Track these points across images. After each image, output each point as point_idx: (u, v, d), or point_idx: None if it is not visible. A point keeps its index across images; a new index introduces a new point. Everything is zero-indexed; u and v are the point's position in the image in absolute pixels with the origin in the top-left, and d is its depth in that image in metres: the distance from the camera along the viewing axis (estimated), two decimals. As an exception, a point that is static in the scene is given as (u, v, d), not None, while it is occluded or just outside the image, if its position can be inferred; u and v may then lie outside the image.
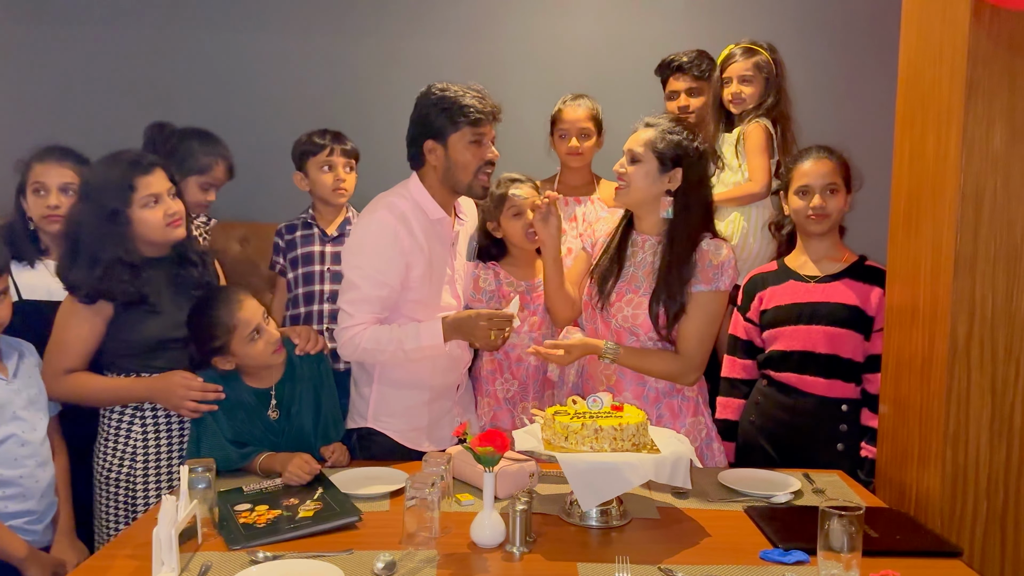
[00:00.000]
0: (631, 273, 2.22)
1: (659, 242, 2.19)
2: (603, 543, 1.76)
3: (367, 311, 2.17)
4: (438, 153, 2.18)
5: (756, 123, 2.72)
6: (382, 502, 1.94)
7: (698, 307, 2.15)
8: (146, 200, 2.05)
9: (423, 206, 2.22)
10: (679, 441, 1.91)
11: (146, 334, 2.09)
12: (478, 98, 2.16)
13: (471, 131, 2.15)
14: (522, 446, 1.86)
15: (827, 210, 2.29)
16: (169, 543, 1.54)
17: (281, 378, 2.17)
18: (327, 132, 2.67)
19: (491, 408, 2.50)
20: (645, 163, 2.14)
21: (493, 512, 1.72)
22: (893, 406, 2.14)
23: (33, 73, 3.22)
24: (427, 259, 2.21)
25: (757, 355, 2.42)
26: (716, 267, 2.14)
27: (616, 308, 2.20)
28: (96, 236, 2.03)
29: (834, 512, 1.54)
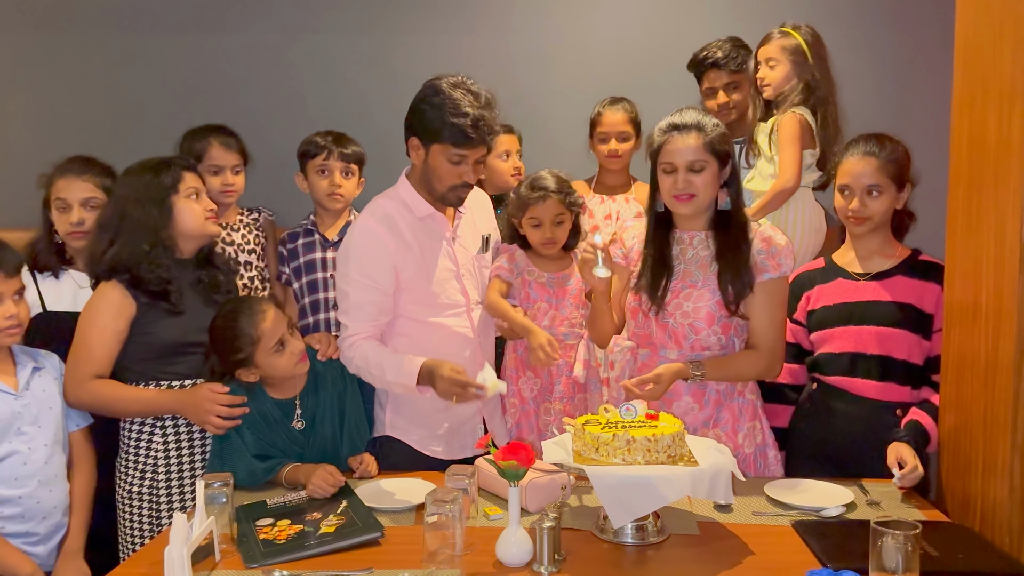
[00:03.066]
0: (683, 271, 2.10)
1: (708, 235, 2.09)
2: (638, 562, 1.66)
3: (361, 319, 2.12)
4: (419, 153, 2.12)
5: (791, 113, 2.59)
6: (407, 515, 1.88)
7: (769, 295, 2.06)
8: (189, 192, 2.13)
9: (409, 203, 2.16)
10: (719, 452, 1.79)
11: (166, 337, 2.08)
12: (476, 117, 2.01)
13: (454, 151, 2.05)
14: (551, 458, 1.77)
15: (867, 213, 2.15)
16: (181, 563, 1.49)
17: (305, 387, 2.13)
18: (330, 134, 2.62)
19: (517, 408, 2.43)
20: (708, 168, 2.02)
21: (519, 529, 1.63)
22: (955, 412, 1.99)
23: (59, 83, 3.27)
24: (417, 257, 2.14)
25: (804, 358, 2.28)
26: (780, 252, 2.06)
27: (674, 307, 2.08)
28: (141, 221, 2.07)
29: (887, 529, 1.43)
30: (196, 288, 2.16)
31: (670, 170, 2.03)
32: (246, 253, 2.59)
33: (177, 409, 2.07)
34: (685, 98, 3.00)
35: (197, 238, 2.16)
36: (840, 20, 3.06)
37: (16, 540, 1.89)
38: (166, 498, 2.10)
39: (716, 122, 2.06)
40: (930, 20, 3.02)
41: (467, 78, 2.09)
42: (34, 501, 1.91)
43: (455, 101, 2.01)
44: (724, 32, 2.91)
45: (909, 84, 3.06)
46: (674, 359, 2.07)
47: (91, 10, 3.23)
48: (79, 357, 2.05)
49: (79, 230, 2.29)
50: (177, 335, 2.09)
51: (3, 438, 1.89)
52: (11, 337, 1.93)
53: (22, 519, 1.90)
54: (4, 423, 1.89)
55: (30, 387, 1.96)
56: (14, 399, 1.92)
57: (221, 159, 2.56)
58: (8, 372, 1.93)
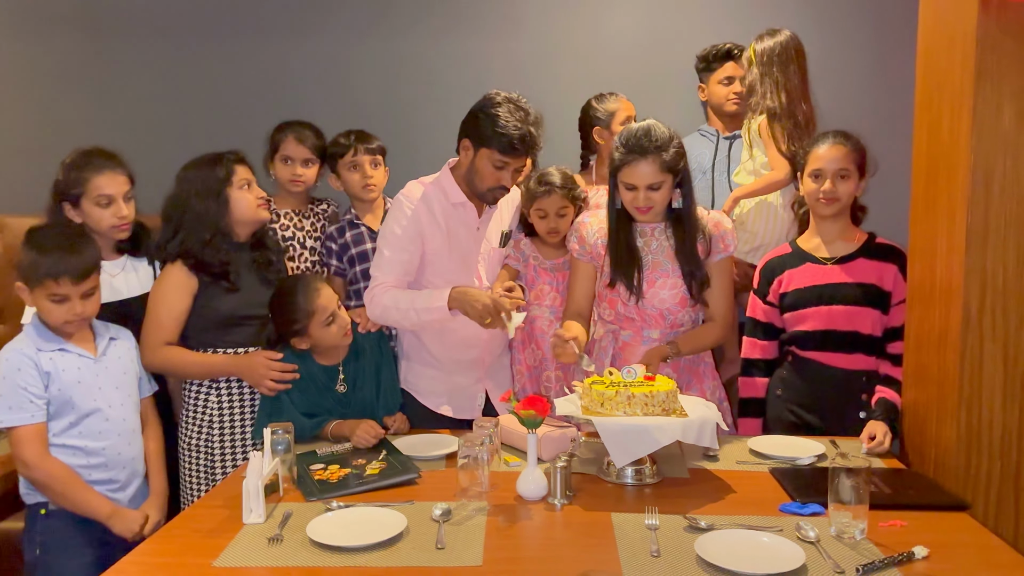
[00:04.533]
0: (651, 261, 2.40)
1: (667, 226, 2.39)
2: (636, 498, 1.95)
3: (388, 271, 2.43)
4: (468, 154, 2.41)
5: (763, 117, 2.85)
6: (438, 463, 2.17)
7: (721, 273, 2.42)
8: (242, 183, 2.40)
9: (446, 189, 2.46)
10: (706, 407, 2.08)
11: (224, 310, 2.37)
12: (524, 132, 2.31)
13: (499, 157, 2.34)
14: (562, 411, 2.06)
15: (837, 194, 2.40)
16: (257, 493, 1.80)
17: (347, 356, 2.42)
18: (352, 133, 2.82)
19: (522, 376, 2.73)
20: (665, 184, 2.30)
21: (536, 469, 1.93)
22: (914, 377, 2.27)
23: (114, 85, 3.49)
24: (443, 235, 2.44)
25: (776, 335, 2.55)
26: (728, 234, 2.41)
27: (651, 295, 2.38)
28: (202, 213, 2.36)
29: (841, 468, 1.71)
30: (251, 268, 2.45)
31: (631, 188, 2.31)
32: (312, 240, 2.84)
33: (235, 372, 2.37)
34: (687, 98, 3.29)
35: (250, 224, 2.44)
36: (826, 24, 3.28)
37: (101, 487, 2.11)
38: (219, 451, 2.39)
39: (674, 139, 2.30)
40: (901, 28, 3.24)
41: (520, 96, 2.38)
42: (116, 452, 2.13)
43: (506, 115, 2.32)
44: (726, 34, 3.16)
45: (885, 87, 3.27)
46: (656, 337, 2.41)
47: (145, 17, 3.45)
48: (151, 328, 2.33)
49: (126, 223, 2.40)
50: (234, 309, 2.38)
51: (88, 396, 2.10)
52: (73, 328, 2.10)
53: (106, 468, 2.12)
54: (87, 383, 2.10)
55: (107, 353, 2.17)
56: (93, 363, 2.13)
57: (293, 151, 2.79)
58: (88, 340, 2.16)
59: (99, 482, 2.11)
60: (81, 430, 2.09)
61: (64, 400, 2.07)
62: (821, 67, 3.00)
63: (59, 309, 2.06)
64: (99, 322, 2.20)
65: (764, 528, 1.73)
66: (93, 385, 2.12)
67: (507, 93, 2.37)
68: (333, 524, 1.75)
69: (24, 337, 2.09)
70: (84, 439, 2.09)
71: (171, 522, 1.85)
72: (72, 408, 2.08)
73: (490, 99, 2.37)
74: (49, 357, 2.07)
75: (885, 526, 1.75)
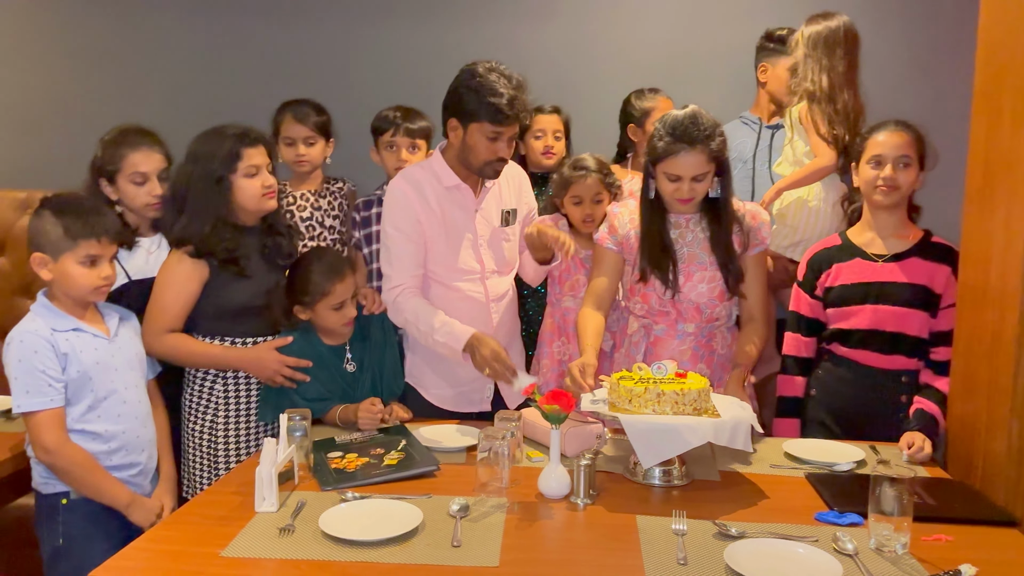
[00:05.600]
0: (687, 253, 2.30)
1: (702, 217, 2.29)
2: (663, 500, 1.87)
3: (401, 269, 2.33)
4: (458, 133, 2.30)
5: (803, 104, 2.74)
6: (458, 455, 2.10)
7: (757, 267, 2.34)
8: (248, 170, 2.23)
9: (439, 174, 2.36)
10: (741, 407, 1.99)
11: (234, 299, 2.26)
12: (511, 97, 2.20)
13: (491, 128, 2.23)
14: (588, 407, 1.98)
15: (898, 182, 2.28)
16: (270, 480, 1.74)
17: (353, 335, 2.38)
18: (399, 109, 2.75)
19: (549, 369, 2.64)
20: (708, 175, 2.21)
21: (559, 466, 1.85)
22: (962, 382, 2.15)
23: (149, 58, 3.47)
24: (439, 221, 2.35)
25: (819, 331, 2.44)
26: (765, 226, 2.33)
27: (688, 288, 2.28)
28: (203, 197, 2.21)
29: (884, 477, 1.61)
30: (262, 253, 2.33)
31: (674, 179, 2.20)
32: (330, 219, 2.80)
33: (243, 367, 2.27)
34: (727, 85, 3.18)
35: (254, 213, 2.30)
36: (873, 13, 3.13)
37: (122, 472, 2.04)
38: (223, 439, 2.30)
39: (719, 127, 2.21)
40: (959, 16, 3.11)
41: (499, 63, 2.27)
42: (134, 436, 2.07)
43: (491, 83, 2.21)
44: (766, 23, 3.04)
45: (936, 76, 3.15)
46: (691, 332, 2.31)
47: None
48: (154, 313, 2.22)
49: (159, 201, 2.37)
50: (245, 299, 2.28)
51: (105, 378, 2.02)
52: (100, 296, 2.06)
53: (125, 452, 2.05)
54: (104, 364, 2.02)
55: (119, 334, 2.09)
56: (108, 343, 2.05)
57: (293, 132, 2.75)
58: (98, 320, 2.08)
59: (120, 467, 2.04)
60: (99, 414, 2.02)
61: (82, 383, 2.00)
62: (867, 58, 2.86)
63: (90, 274, 1.98)
64: (103, 303, 2.13)
65: (799, 538, 1.64)
66: (110, 366, 2.05)
67: (486, 62, 2.26)
68: (347, 516, 1.69)
69: (35, 318, 2.00)
70: (103, 423, 2.03)
71: (182, 508, 1.81)
72: (90, 391, 2.01)
73: (470, 71, 2.26)
74: (65, 338, 1.99)
75: (929, 540, 1.65)
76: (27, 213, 3.19)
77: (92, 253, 1.98)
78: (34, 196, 3.18)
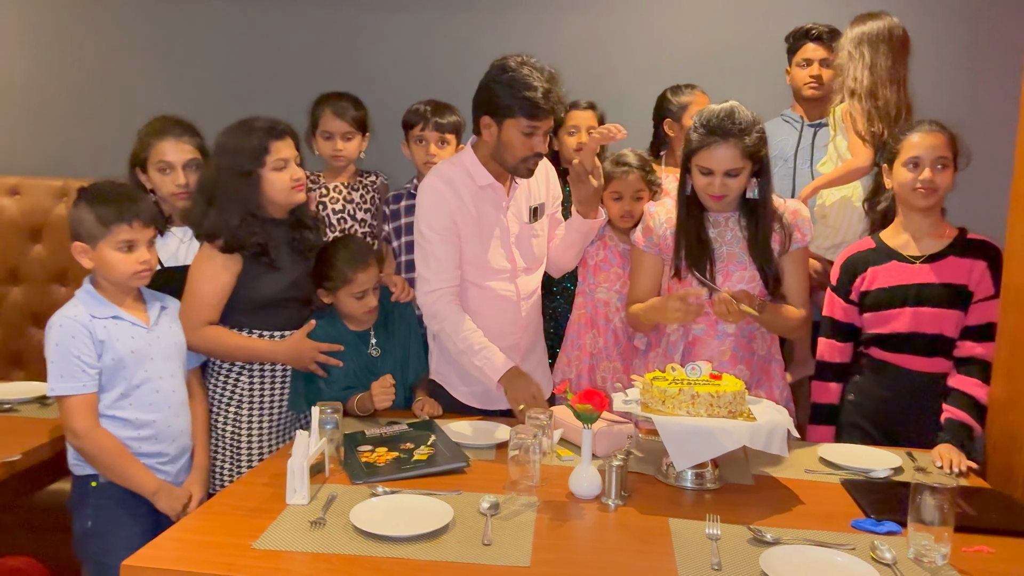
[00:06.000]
0: (726, 252, 2.26)
1: (740, 216, 2.25)
2: (696, 503, 1.84)
3: (437, 271, 2.31)
4: (492, 130, 2.26)
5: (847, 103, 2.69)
6: (487, 452, 2.09)
7: (798, 264, 2.29)
8: (276, 163, 2.23)
9: (472, 172, 2.32)
10: (776, 411, 1.95)
11: (265, 291, 2.27)
12: (545, 90, 2.17)
13: (526, 123, 2.20)
14: (620, 407, 1.96)
15: (935, 184, 2.23)
16: (302, 473, 1.74)
17: (377, 321, 2.39)
18: (430, 104, 2.74)
19: (579, 362, 2.61)
20: (743, 172, 2.17)
21: (591, 466, 1.83)
22: (1005, 388, 2.10)
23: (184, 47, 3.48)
24: (474, 220, 2.32)
25: (854, 336, 2.40)
26: (806, 222, 2.28)
27: (727, 287, 2.24)
28: (231, 191, 2.21)
29: (926, 485, 1.57)
30: (290, 246, 2.33)
31: (706, 172, 2.17)
32: (362, 212, 2.80)
33: (281, 358, 2.29)
34: (770, 82, 3.13)
35: (282, 206, 2.29)
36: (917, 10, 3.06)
37: (150, 459, 2.06)
38: (246, 431, 2.30)
39: (758, 123, 2.16)
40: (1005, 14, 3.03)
41: (530, 56, 2.23)
42: (165, 425, 2.09)
43: (524, 77, 2.17)
44: (817, 14, 2.99)
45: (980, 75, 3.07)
46: (732, 332, 2.26)
47: None
48: (192, 306, 2.22)
49: (184, 191, 2.38)
50: (276, 291, 2.28)
51: (139, 366, 2.04)
52: (142, 281, 2.09)
53: (156, 440, 2.07)
54: (140, 353, 2.05)
55: (159, 323, 2.12)
56: (146, 332, 2.07)
57: (331, 126, 2.74)
58: (140, 309, 2.11)
59: (148, 455, 2.06)
60: (132, 401, 2.04)
61: (116, 370, 2.02)
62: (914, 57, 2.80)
63: (128, 259, 2.01)
64: (148, 290, 2.16)
65: (835, 545, 1.60)
66: (145, 355, 2.07)
67: (516, 56, 2.23)
68: (377, 511, 1.69)
69: (77, 303, 2.03)
70: (135, 411, 2.05)
71: (213, 499, 1.80)
72: (124, 379, 2.03)
73: (501, 66, 2.22)
74: (103, 325, 2.01)
75: (970, 551, 1.61)
76: (63, 201, 3.25)
77: (126, 238, 2.01)
78: (70, 184, 3.25)
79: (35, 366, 3.22)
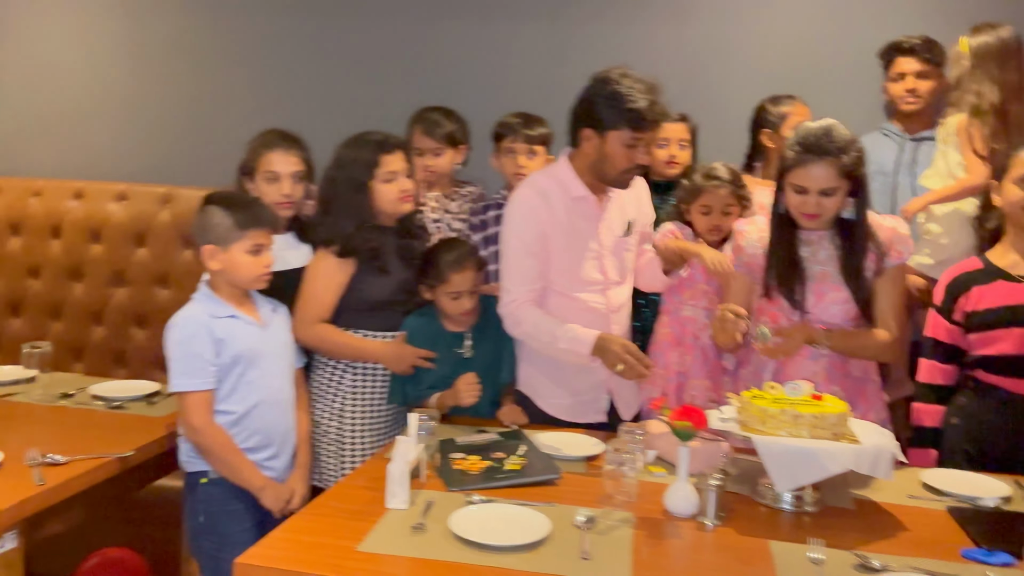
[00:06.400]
0: (819, 272, 2.21)
1: (834, 235, 2.20)
2: (795, 525, 1.80)
3: (520, 282, 2.32)
4: (593, 142, 2.25)
5: (961, 116, 2.61)
6: (577, 464, 2.09)
7: (892, 283, 2.22)
8: (386, 176, 2.33)
9: (566, 183, 2.32)
10: (881, 434, 1.90)
11: (374, 294, 2.37)
12: (650, 101, 2.16)
13: (631, 135, 2.19)
14: (716, 425, 1.93)
15: None
16: (401, 478, 1.78)
17: (476, 324, 2.45)
18: (520, 116, 2.76)
19: (664, 380, 2.58)
20: (839, 191, 2.12)
21: (687, 484, 1.81)
22: None
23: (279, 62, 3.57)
24: (566, 232, 2.32)
25: (957, 358, 2.31)
26: (904, 239, 2.21)
27: (820, 309, 2.20)
28: (345, 201, 2.34)
29: (1049, 518, 1.50)
30: (398, 252, 2.42)
31: (801, 191, 2.12)
32: (459, 221, 2.84)
33: (383, 359, 2.37)
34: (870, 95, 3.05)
35: (391, 216, 2.40)
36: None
37: (257, 454, 2.13)
38: (349, 429, 2.38)
39: (855, 143, 2.11)
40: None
41: (629, 68, 2.23)
42: (273, 421, 2.16)
43: (627, 89, 2.17)
44: (907, 30, 2.90)
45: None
46: (825, 353, 2.20)
47: None
48: (307, 304, 2.33)
49: (288, 201, 2.47)
50: (385, 294, 2.38)
51: (252, 364, 2.12)
52: (262, 283, 2.16)
53: (263, 436, 2.15)
54: (255, 351, 2.13)
55: (271, 323, 2.21)
56: (261, 331, 2.17)
57: (421, 143, 2.80)
58: (253, 310, 2.21)
59: (253, 449, 2.13)
60: (244, 397, 2.13)
61: (232, 367, 2.11)
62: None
63: (255, 262, 2.12)
64: (256, 293, 2.25)
65: (946, 575, 1.55)
66: (260, 353, 2.15)
67: (616, 68, 2.23)
68: (476, 519, 1.71)
69: (196, 304, 2.14)
70: (245, 407, 2.13)
71: (317, 500, 1.86)
72: (239, 375, 2.12)
73: (603, 79, 2.22)
74: (222, 324, 2.11)
75: (1092, 589, 1.53)
76: (167, 207, 3.38)
77: (259, 242, 2.13)
78: (174, 191, 3.38)
79: (137, 365, 3.36)
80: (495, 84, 3.32)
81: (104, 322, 3.42)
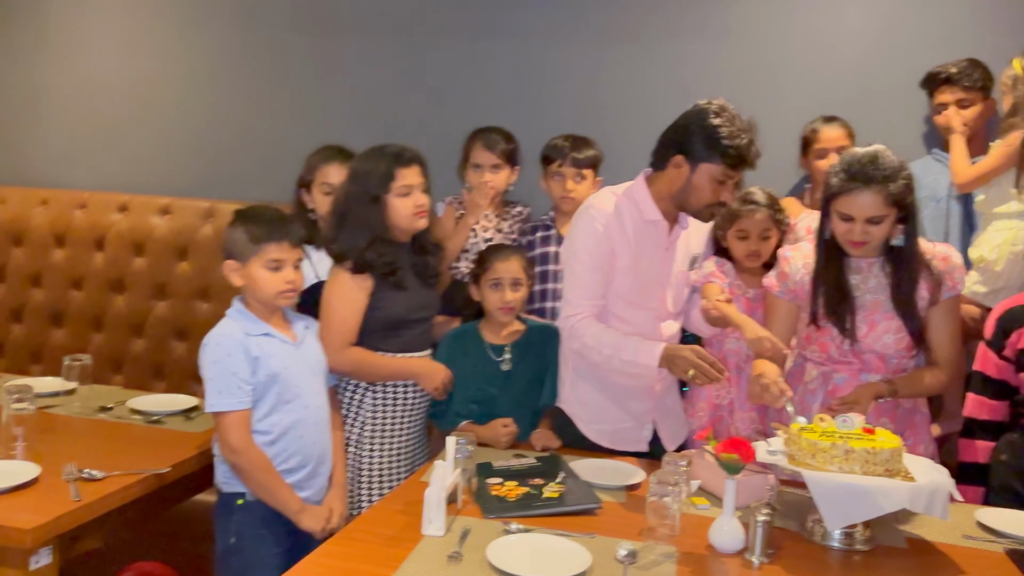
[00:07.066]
0: (870, 300, 2.14)
1: (884, 263, 2.14)
2: (846, 565, 1.73)
3: (582, 296, 2.27)
4: (682, 170, 2.19)
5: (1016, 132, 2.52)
6: (618, 493, 2.04)
7: (948, 314, 2.16)
8: (401, 189, 2.28)
9: (640, 204, 2.27)
10: (936, 471, 1.82)
11: (393, 311, 2.32)
12: (747, 144, 2.12)
13: (723, 171, 2.14)
14: (762, 458, 1.87)
15: None
16: (438, 504, 1.74)
17: (517, 340, 2.44)
18: (568, 138, 2.74)
19: (708, 413, 2.52)
20: (887, 219, 2.06)
21: (733, 518, 1.75)
22: None
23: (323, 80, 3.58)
24: (634, 253, 2.26)
25: (1008, 395, 2.23)
26: (957, 269, 2.15)
27: (872, 339, 2.14)
28: (360, 214, 2.28)
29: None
30: (413, 268, 2.37)
31: (847, 219, 2.06)
32: (508, 241, 2.83)
33: (416, 376, 2.34)
34: (914, 118, 2.98)
35: (405, 231, 2.33)
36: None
37: (295, 475, 2.09)
38: (368, 451, 2.34)
39: (904, 169, 2.04)
40: None
41: (728, 104, 2.17)
42: (311, 441, 2.13)
43: (727, 129, 2.11)
44: (958, 52, 2.84)
45: None
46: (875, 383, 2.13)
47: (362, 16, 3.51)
48: (332, 329, 2.26)
49: None
50: (403, 311, 2.33)
51: (289, 382, 2.09)
52: (287, 300, 2.14)
53: (301, 456, 2.11)
54: (290, 369, 2.09)
55: (305, 340, 2.18)
56: (295, 349, 2.13)
57: (481, 158, 2.79)
58: (286, 327, 2.17)
59: (292, 470, 2.10)
60: (281, 416, 2.09)
61: (269, 386, 2.07)
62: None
63: (275, 278, 2.07)
64: (288, 310, 2.22)
65: (1009, 626, 1.47)
66: (295, 372, 2.11)
67: (717, 100, 2.17)
68: (515, 549, 1.66)
69: (230, 322, 2.10)
70: (282, 426, 2.09)
71: (351, 524, 1.83)
72: (275, 394, 2.08)
73: (704, 110, 2.16)
74: (257, 342, 2.07)
75: None
76: (210, 221, 3.41)
77: (275, 257, 2.07)
78: (217, 206, 3.41)
79: (176, 378, 3.38)
80: (541, 108, 3.30)
81: (145, 335, 3.45)
